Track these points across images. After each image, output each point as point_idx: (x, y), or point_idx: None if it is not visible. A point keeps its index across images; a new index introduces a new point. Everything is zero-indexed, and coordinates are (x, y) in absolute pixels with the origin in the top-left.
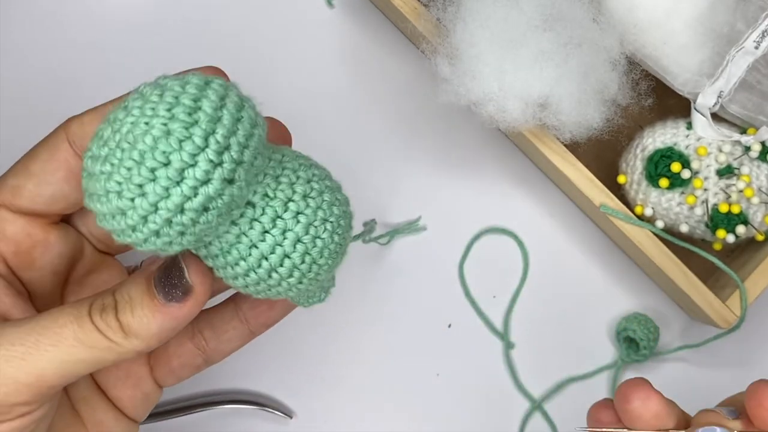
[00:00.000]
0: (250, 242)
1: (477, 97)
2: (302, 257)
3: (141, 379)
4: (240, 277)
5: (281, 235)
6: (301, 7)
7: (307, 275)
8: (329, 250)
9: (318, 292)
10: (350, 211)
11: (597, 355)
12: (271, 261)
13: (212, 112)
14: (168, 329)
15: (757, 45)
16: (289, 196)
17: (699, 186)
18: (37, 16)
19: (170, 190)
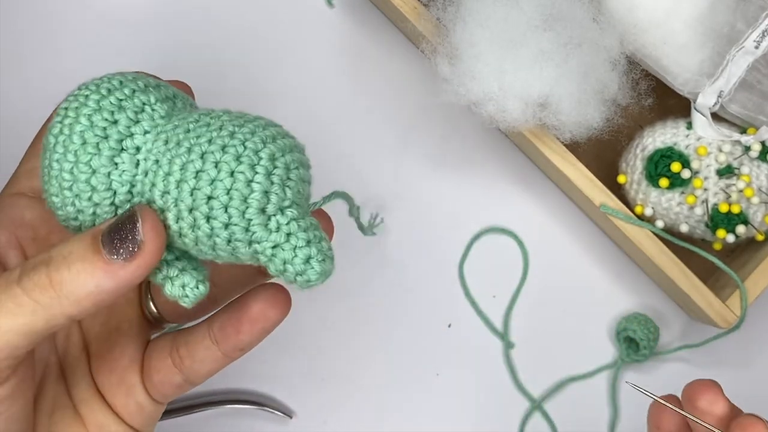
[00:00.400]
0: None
1: (477, 97)
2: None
3: (133, 387)
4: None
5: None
6: (301, 6)
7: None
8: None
9: (298, 259)
10: (276, 150)
11: (597, 355)
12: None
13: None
14: (107, 290)
15: (757, 45)
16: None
17: (699, 186)
18: (38, 16)
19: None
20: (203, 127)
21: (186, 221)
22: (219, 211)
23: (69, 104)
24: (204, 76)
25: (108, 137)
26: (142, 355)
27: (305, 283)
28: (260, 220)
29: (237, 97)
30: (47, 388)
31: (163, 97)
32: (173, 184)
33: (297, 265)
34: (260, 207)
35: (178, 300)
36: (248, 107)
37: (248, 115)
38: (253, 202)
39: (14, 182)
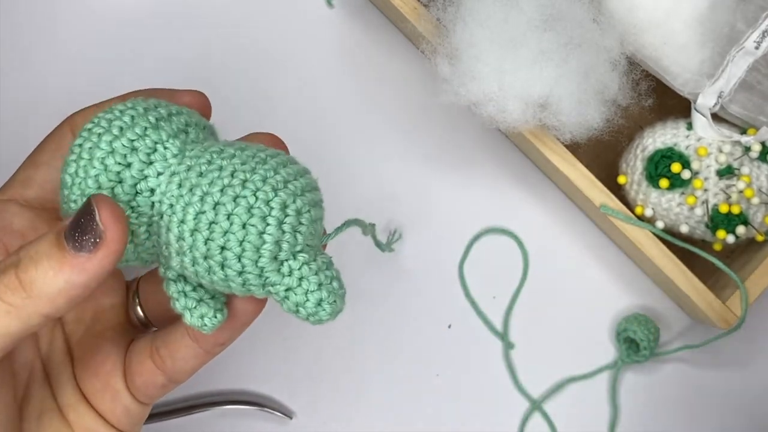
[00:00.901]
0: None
1: (477, 98)
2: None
3: (118, 391)
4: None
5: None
6: (300, 6)
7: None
8: (238, 227)
9: (309, 300)
10: (284, 198)
11: (597, 356)
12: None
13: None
14: (78, 285)
15: (757, 45)
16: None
17: (699, 186)
18: (37, 16)
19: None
20: (216, 171)
21: (201, 266)
22: (232, 261)
23: (83, 142)
24: (204, 77)
25: (122, 181)
26: (124, 359)
27: (316, 322)
28: (273, 266)
29: (237, 97)
30: (33, 393)
31: (175, 131)
32: (188, 232)
33: (309, 308)
34: (272, 256)
35: (198, 329)
36: (248, 107)
37: (260, 154)
38: (265, 252)
39: (7, 189)
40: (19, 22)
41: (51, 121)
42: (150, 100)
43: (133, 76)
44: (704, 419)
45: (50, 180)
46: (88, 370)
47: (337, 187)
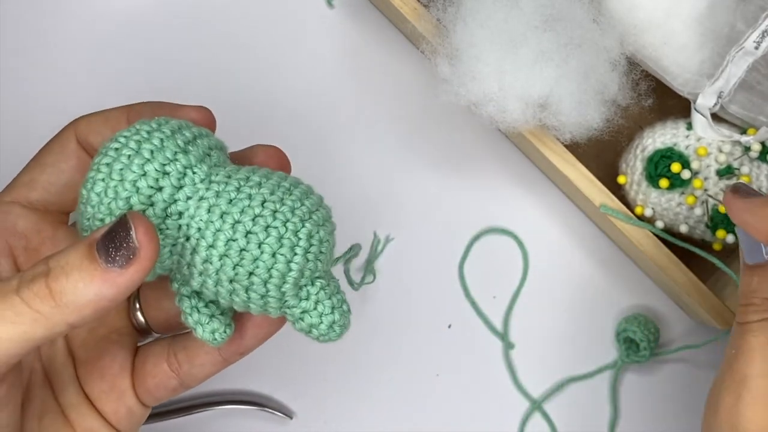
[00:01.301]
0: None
1: (477, 98)
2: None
3: (124, 393)
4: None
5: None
6: (300, 7)
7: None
8: (266, 256)
9: (321, 320)
10: (310, 228)
11: (597, 356)
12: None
13: (182, 145)
14: (107, 298)
15: (757, 45)
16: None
17: (699, 186)
18: (40, 17)
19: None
20: (246, 200)
21: (225, 288)
22: (258, 286)
23: (112, 162)
24: (204, 77)
25: (154, 204)
26: (131, 361)
27: (325, 341)
28: (294, 291)
29: (237, 97)
30: (34, 394)
31: (201, 155)
32: (216, 257)
33: (322, 329)
34: (296, 282)
35: (208, 343)
36: (248, 108)
37: (284, 183)
38: (290, 279)
39: (11, 190)
40: (22, 22)
41: (53, 124)
42: (173, 121)
43: (134, 78)
44: None
45: (54, 183)
46: (93, 371)
47: (337, 187)
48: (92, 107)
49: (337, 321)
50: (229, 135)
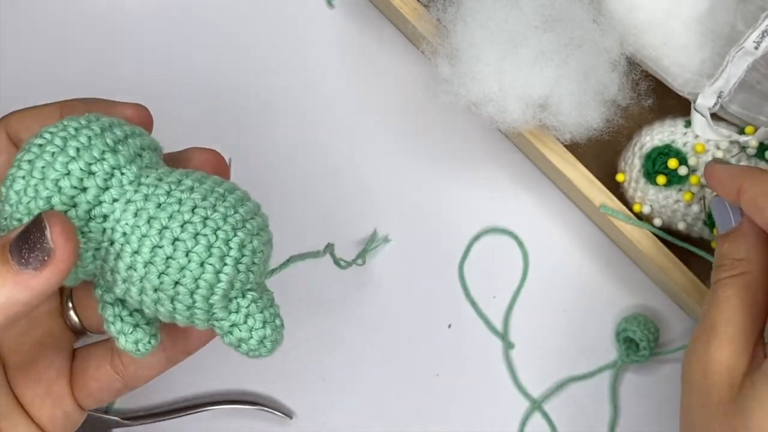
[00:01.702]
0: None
1: (477, 98)
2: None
3: (62, 398)
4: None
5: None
6: (301, 7)
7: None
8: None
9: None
10: (228, 233)
11: (597, 355)
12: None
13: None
14: (20, 302)
15: (756, 45)
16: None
17: (696, 183)
18: (37, 16)
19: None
20: (175, 204)
21: (149, 297)
22: (184, 297)
23: (34, 159)
24: (203, 77)
25: (77, 206)
26: (69, 365)
27: (254, 357)
28: (222, 303)
29: (236, 96)
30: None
31: (132, 155)
32: (141, 263)
33: (252, 344)
34: (225, 294)
35: (130, 354)
36: (248, 107)
37: (218, 189)
38: (218, 291)
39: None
40: (18, 20)
41: None
42: (104, 119)
43: (133, 77)
44: None
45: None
46: (27, 376)
47: (337, 187)
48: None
49: (268, 336)
50: (229, 135)
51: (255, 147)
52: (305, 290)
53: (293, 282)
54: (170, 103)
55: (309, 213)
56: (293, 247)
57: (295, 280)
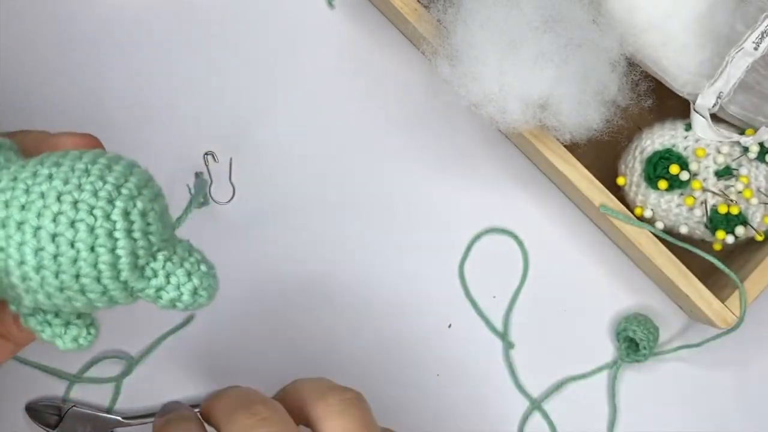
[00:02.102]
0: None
1: (477, 98)
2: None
3: None
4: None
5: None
6: (301, 7)
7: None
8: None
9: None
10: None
11: (596, 355)
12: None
13: None
14: None
15: (756, 46)
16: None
17: (698, 187)
18: (36, 16)
19: None
20: (38, 200)
21: (59, 299)
22: (92, 285)
23: None
24: (203, 77)
25: None
26: None
27: (197, 308)
28: (135, 275)
29: (236, 97)
30: None
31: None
32: (32, 271)
33: (186, 300)
34: (132, 267)
35: (76, 350)
36: (247, 107)
37: (79, 165)
38: (124, 266)
39: None
40: (18, 20)
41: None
42: None
43: (132, 79)
44: (703, 419)
45: None
46: None
47: (336, 187)
48: (92, 108)
49: (199, 286)
50: (229, 135)
51: (255, 147)
52: (306, 290)
53: (289, 281)
54: (170, 103)
55: (309, 213)
56: (296, 248)
57: (293, 280)
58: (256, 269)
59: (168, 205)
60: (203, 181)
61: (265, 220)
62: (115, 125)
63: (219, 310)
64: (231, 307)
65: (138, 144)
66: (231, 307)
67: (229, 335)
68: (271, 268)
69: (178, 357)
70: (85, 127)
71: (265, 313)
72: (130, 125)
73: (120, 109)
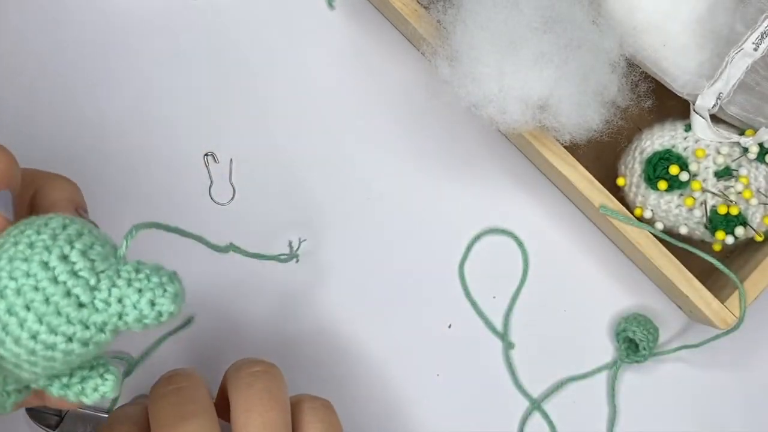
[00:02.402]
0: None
1: (477, 99)
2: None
3: None
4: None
5: None
6: (301, 8)
7: None
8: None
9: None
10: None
11: (596, 356)
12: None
13: None
14: None
15: (756, 47)
16: None
17: (697, 188)
18: (36, 16)
19: None
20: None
21: (39, 364)
22: (52, 338)
23: None
24: (203, 78)
25: None
26: None
27: (169, 317)
28: (87, 312)
29: (236, 98)
30: None
31: None
32: (12, 359)
33: (150, 316)
34: (76, 305)
35: (107, 398)
36: (247, 108)
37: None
38: (67, 310)
39: None
40: (18, 20)
41: (49, 122)
42: None
43: (133, 80)
44: (703, 419)
45: None
46: None
47: (336, 188)
48: (92, 110)
49: (157, 297)
50: (229, 136)
51: (255, 147)
52: (305, 290)
53: (289, 281)
54: (170, 103)
55: (309, 213)
56: (296, 248)
57: (293, 280)
58: (256, 269)
59: (107, 233)
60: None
61: (265, 220)
62: (115, 127)
63: (219, 310)
64: (231, 307)
65: (138, 145)
66: (231, 308)
67: (228, 336)
68: (271, 268)
69: (178, 357)
70: (85, 127)
71: (264, 314)
72: (130, 126)
73: (120, 110)
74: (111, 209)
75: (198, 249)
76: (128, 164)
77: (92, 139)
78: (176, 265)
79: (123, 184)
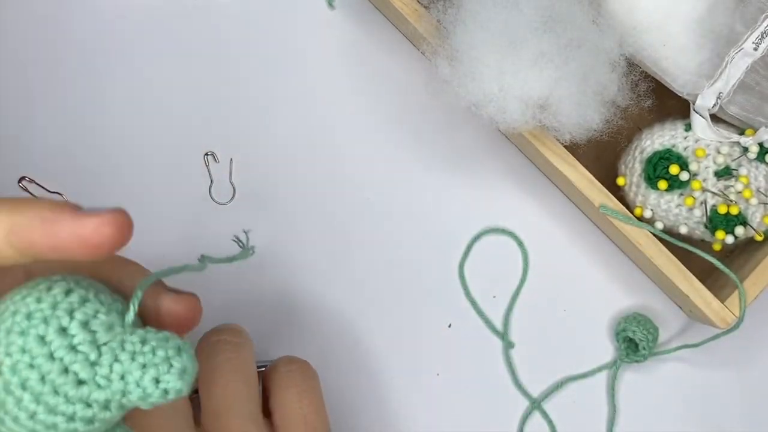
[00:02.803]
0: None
1: (477, 99)
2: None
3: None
4: None
5: None
6: (301, 8)
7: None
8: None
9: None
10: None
11: (596, 355)
12: None
13: None
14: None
15: (756, 46)
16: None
17: (697, 188)
18: (36, 16)
19: None
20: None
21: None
22: (51, 418)
23: None
24: (203, 78)
25: None
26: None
27: (177, 395)
28: (87, 390)
29: (236, 98)
30: None
31: None
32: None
33: (155, 394)
34: (74, 384)
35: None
36: (247, 108)
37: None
38: (65, 389)
39: None
40: (18, 20)
41: (49, 123)
42: None
43: (132, 81)
44: (703, 419)
45: None
46: None
47: (337, 188)
48: (92, 109)
49: (160, 373)
50: (229, 136)
51: (255, 148)
52: (305, 290)
53: (290, 282)
54: (170, 103)
55: (309, 214)
56: (291, 246)
57: (293, 280)
58: (255, 269)
59: (114, 300)
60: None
61: (266, 221)
62: (115, 126)
63: (219, 311)
64: (231, 307)
65: (138, 144)
66: (231, 308)
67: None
68: (271, 269)
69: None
70: (85, 127)
71: (264, 313)
72: (130, 126)
73: (120, 110)
74: None
75: (198, 249)
76: (128, 164)
77: (92, 138)
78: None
79: (123, 184)
